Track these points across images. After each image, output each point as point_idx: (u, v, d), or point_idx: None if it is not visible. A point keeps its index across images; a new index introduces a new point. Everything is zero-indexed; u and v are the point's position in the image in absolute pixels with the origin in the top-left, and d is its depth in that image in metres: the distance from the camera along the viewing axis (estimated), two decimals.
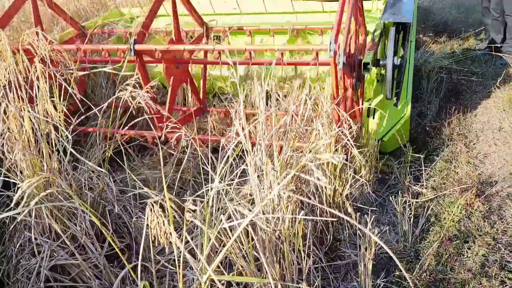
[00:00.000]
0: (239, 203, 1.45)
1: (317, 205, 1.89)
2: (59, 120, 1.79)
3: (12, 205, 1.11)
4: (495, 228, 2.10)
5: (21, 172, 1.82)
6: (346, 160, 2.03)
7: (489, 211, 2.24)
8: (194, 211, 1.00)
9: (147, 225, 1.08)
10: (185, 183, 2.49)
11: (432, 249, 1.97)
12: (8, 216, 2.07)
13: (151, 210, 1.02)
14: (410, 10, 2.28)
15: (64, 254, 1.84)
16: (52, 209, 1.77)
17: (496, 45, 4.65)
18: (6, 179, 1.83)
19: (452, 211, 2.20)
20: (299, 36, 2.93)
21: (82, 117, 1.91)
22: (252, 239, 1.63)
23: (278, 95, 2.85)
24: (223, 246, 1.68)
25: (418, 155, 2.59)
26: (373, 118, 2.55)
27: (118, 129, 2.27)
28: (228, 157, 1.61)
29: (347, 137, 1.94)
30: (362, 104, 2.42)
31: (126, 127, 2.02)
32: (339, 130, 1.95)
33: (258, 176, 1.67)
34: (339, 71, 1.96)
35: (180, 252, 1.10)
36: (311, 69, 2.81)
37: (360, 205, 2.21)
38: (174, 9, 2.65)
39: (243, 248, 1.60)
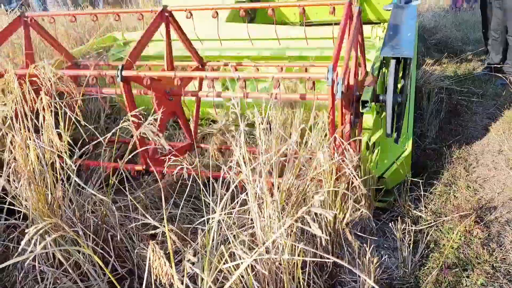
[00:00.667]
0: (239, 237, 1.47)
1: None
2: (64, 149, 1.83)
3: (22, 244, 1.14)
4: (494, 256, 2.12)
5: (26, 200, 1.85)
6: (347, 189, 2.05)
7: (488, 238, 2.25)
8: (193, 263, 1.02)
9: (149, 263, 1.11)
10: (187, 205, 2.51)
11: (431, 276, 1.99)
12: (12, 242, 2.11)
13: (153, 251, 1.04)
14: (411, 43, 2.20)
15: (67, 282, 1.86)
16: (56, 238, 1.80)
17: (496, 65, 4.70)
18: (11, 207, 1.87)
19: (451, 238, 2.22)
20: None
21: (86, 146, 1.94)
22: (253, 269, 1.65)
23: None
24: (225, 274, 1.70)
25: (417, 179, 2.60)
26: (372, 152, 2.51)
27: (109, 163, 2.29)
28: (228, 186, 1.64)
29: (348, 166, 1.96)
30: (360, 136, 2.37)
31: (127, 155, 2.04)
32: (340, 159, 1.97)
33: (258, 205, 1.70)
34: (337, 100, 1.95)
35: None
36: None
37: (359, 233, 2.22)
38: (167, 35, 2.57)
39: (243, 279, 1.62)
